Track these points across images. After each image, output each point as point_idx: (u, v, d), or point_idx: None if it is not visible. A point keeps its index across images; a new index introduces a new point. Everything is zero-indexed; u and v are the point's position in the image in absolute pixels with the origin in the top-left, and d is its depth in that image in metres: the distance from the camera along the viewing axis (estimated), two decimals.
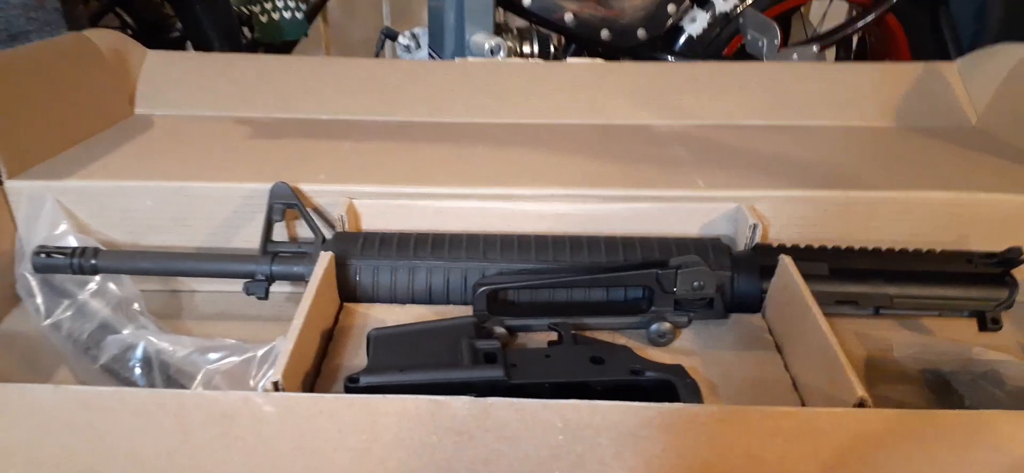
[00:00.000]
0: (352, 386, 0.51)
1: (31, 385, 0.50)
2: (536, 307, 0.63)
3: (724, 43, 1.43)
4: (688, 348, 0.61)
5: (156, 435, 0.50)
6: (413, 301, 0.66)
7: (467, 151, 0.81)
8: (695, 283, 0.59)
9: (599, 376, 0.53)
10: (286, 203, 0.69)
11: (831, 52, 1.66)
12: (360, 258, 0.65)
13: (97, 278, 0.69)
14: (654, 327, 0.60)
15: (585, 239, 0.66)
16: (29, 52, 0.79)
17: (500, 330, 0.60)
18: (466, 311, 0.65)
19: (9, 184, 0.72)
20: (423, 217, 0.71)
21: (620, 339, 0.62)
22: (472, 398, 0.48)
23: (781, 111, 0.92)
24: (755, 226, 0.66)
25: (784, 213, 0.70)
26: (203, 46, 1.68)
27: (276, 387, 0.51)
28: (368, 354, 0.56)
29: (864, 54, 1.64)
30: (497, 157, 0.79)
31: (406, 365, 0.53)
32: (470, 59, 1.04)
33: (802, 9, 1.69)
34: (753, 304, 0.64)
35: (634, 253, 0.64)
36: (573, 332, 0.58)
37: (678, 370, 0.54)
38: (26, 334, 0.69)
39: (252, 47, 1.89)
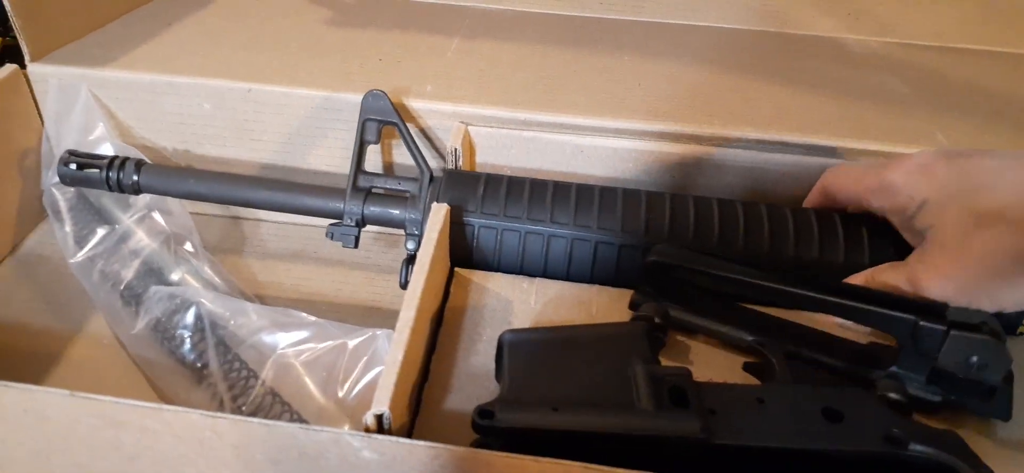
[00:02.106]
0: (485, 424, 0.36)
1: (40, 390, 0.36)
2: (719, 307, 0.46)
3: None
4: None
5: (209, 466, 0.36)
6: (546, 275, 0.49)
7: (608, 63, 0.62)
8: (973, 358, 0.38)
9: (839, 442, 0.36)
10: (382, 120, 0.52)
11: None
12: (481, 212, 0.49)
13: (142, 200, 0.54)
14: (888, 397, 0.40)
15: (795, 216, 0.48)
16: None
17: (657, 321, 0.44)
18: (616, 293, 0.49)
19: (33, 68, 0.56)
20: (558, 156, 0.54)
21: None
22: None
23: (1005, 33, 0.71)
24: None
25: None
26: None
27: (380, 423, 0.36)
28: (499, 367, 0.41)
29: None
30: (649, 74, 0.60)
31: (558, 396, 0.38)
32: None
33: None
34: None
35: (858, 247, 0.46)
36: (787, 354, 0.41)
37: (956, 443, 0.37)
38: (52, 261, 0.56)
39: None
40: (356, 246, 0.51)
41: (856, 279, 0.45)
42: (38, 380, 0.47)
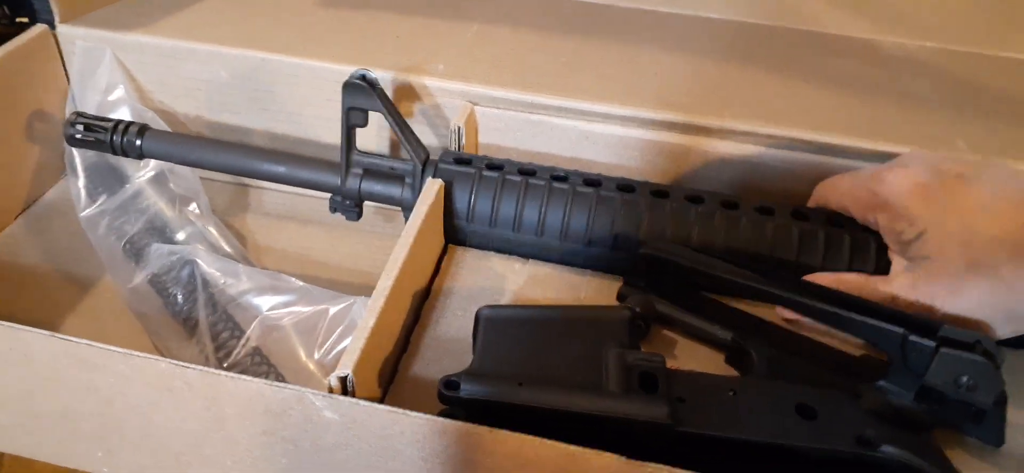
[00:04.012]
0: (449, 395, 0.36)
1: (24, 329, 0.37)
2: (708, 305, 0.45)
3: None
4: None
5: (179, 415, 0.37)
6: (540, 258, 0.49)
7: (627, 52, 0.61)
8: (963, 379, 0.35)
9: (808, 439, 0.35)
10: (368, 109, 0.49)
11: None
12: (477, 192, 0.48)
13: (152, 163, 0.55)
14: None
15: (800, 224, 0.46)
16: None
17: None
18: (609, 279, 0.48)
19: (62, 29, 0.58)
20: (564, 141, 0.54)
21: None
22: (622, 459, 0.32)
23: None
24: None
25: None
26: None
27: (344, 385, 0.36)
28: (475, 342, 0.41)
29: None
30: (667, 65, 0.59)
31: (526, 373, 0.37)
32: None
33: None
34: None
35: (866, 255, 0.45)
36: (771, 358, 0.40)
37: (929, 447, 0.35)
38: (67, 216, 0.57)
39: None
40: (358, 218, 0.52)
41: (823, 279, 0.44)
42: (51, 328, 0.49)
